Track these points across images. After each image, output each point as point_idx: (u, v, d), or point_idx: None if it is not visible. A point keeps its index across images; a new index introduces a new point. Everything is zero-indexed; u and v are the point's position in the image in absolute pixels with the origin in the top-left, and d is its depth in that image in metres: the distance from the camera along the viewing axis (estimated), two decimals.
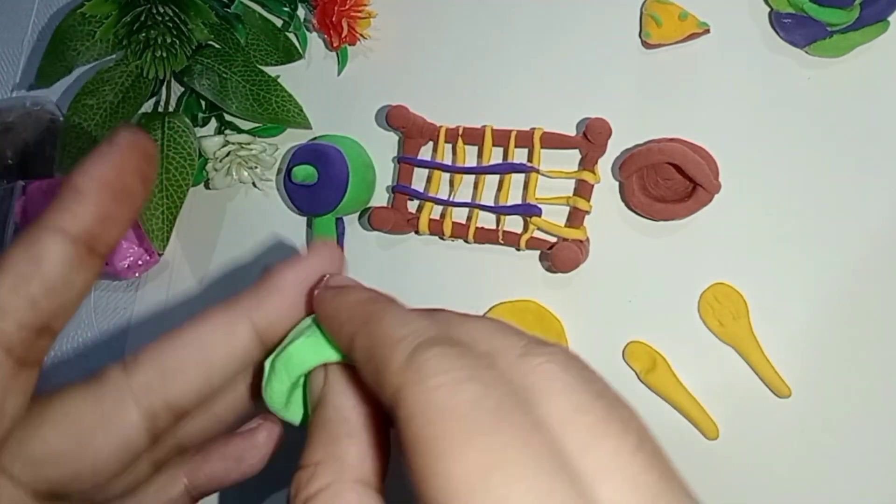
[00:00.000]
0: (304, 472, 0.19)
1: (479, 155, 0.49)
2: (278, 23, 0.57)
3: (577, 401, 0.17)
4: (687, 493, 0.17)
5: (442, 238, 0.50)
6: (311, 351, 0.21)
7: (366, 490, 0.19)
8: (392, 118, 0.50)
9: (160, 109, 0.56)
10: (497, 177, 0.49)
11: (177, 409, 0.22)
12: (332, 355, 0.21)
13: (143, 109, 0.55)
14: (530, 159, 0.48)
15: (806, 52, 0.45)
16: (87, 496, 0.22)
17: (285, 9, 0.56)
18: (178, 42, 0.53)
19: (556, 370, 0.17)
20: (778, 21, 0.45)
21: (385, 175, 0.54)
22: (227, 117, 0.57)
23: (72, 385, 0.22)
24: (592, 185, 0.47)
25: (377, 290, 0.21)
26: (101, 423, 0.21)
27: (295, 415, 0.23)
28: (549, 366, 0.17)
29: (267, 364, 0.22)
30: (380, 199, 0.53)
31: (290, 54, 0.56)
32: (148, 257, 0.57)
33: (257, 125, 0.56)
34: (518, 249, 0.48)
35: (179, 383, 0.22)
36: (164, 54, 0.53)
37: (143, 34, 0.52)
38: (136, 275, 0.57)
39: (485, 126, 0.49)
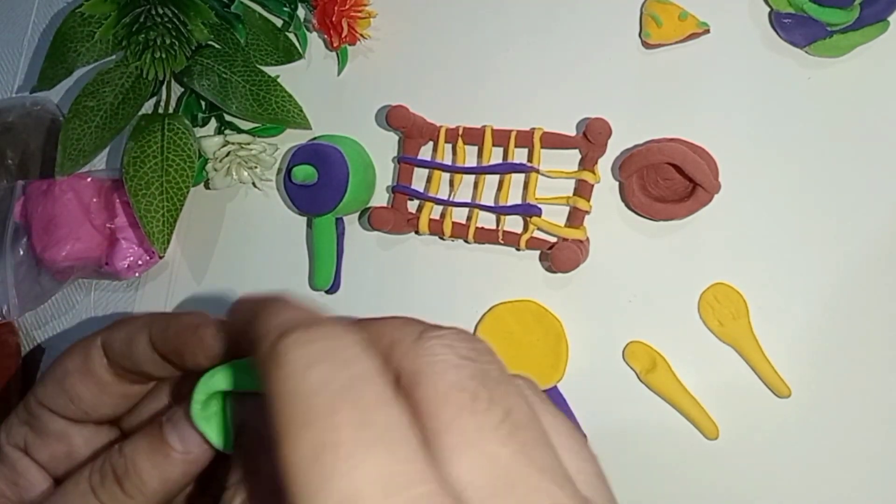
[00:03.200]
0: (228, 493, 0.20)
1: (479, 155, 0.49)
2: (278, 23, 0.57)
3: (454, 379, 0.17)
4: (544, 466, 0.16)
5: (442, 238, 0.50)
6: (230, 376, 0.22)
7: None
8: (392, 118, 0.50)
9: (160, 110, 0.56)
10: (497, 177, 0.49)
11: (120, 360, 0.26)
12: (247, 384, 0.22)
13: (143, 110, 0.55)
14: (530, 159, 0.48)
15: (806, 52, 0.45)
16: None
17: (285, 9, 0.56)
18: (177, 43, 0.53)
19: (443, 351, 0.17)
20: (778, 21, 0.45)
21: (385, 175, 0.54)
22: (227, 117, 0.57)
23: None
24: (592, 185, 0.47)
25: (282, 296, 0.21)
26: (81, 364, 0.26)
27: (211, 434, 0.24)
28: (437, 347, 0.18)
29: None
30: (380, 199, 0.53)
31: (290, 54, 0.56)
32: (148, 257, 0.57)
33: (257, 125, 0.56)
34: (518, 249, 0.48)
35: (119, 354, 0.26)
36: (164, 55, 0.53)
37: (143, 35, 0.52)
38: (136, 275, 0.57)
39: (485, 126, 0.49)
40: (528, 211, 0.47)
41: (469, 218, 0.49)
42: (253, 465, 0.21)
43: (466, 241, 0.49)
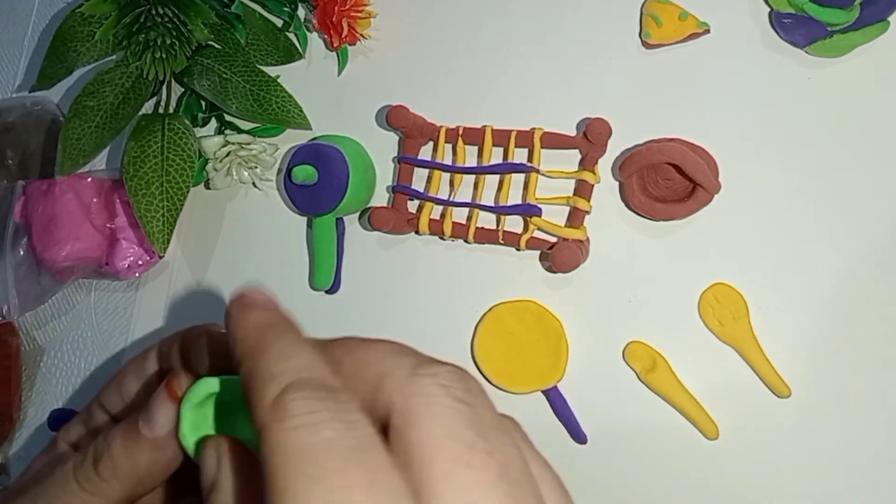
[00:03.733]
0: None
1: (479, 155, 0.49)
2: (278, 23, 0.57)
3: (450, 426, 0.17)
4: None
5: (442, 238, 0.50)
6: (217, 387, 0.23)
7: None
8: (392, 118, 0.50)
9: (160, 110, 0.56)
10: (497, 177, 0.49)
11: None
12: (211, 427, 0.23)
13: (143, 110, 0.55)
14: (530, 159, 0.48)
15: (806, 52, 0.45)
16: None
17: (285, 9, 0.56)
18: (177, 43, 0.53)
19: (439, 393, 0.18)
20: (778, 21, 0.45)
21: (385, 175, 0.54)
22: (227, 117, 0.57)
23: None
24: (592, 185, 0.47)
25: (281, 313, 0.21)
26: None
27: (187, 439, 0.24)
28: (432, 388, 0.18)
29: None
30: (380, 199, 0.53)
31: (290, 54, 0.56)
32: (148, 257, 0.57)
33: (257, 125, 0.56)
34: (518, 249, 0.48)
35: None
36: (164, 55, 0.53)
37: (143, 35, 0.52)
38: (136, 275, 0.57)
39: (485, 126, 0.49)
40: (528, 211, 0.47)
41: (469, 218, 0.49)
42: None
43: (466, 241, 0.49)
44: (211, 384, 0.23)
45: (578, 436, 0.47)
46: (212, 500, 0.21)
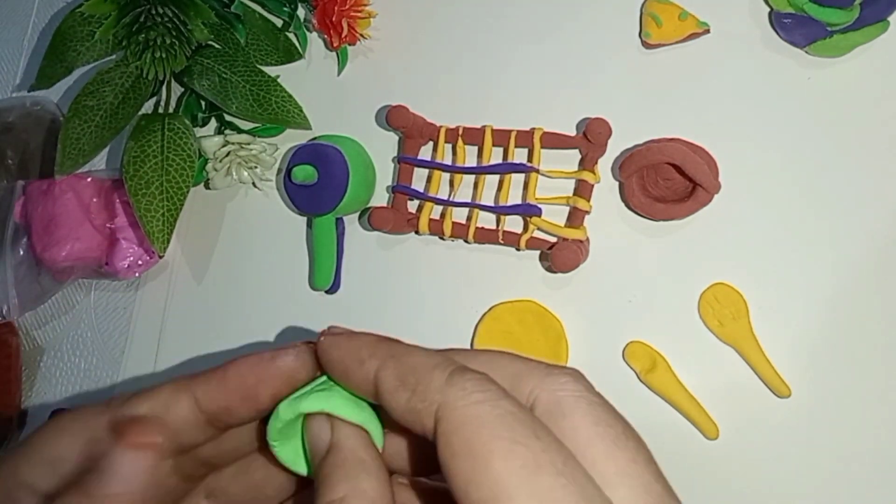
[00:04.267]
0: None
1: (479, 155, 0.49)
2: (278, 23, 0.57)
3: (599, 417, 0.20)
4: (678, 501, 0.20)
5: (442, 238, 0.50)
6: (315, 401, 0.23)
7: None
8: (392, 118, 0.50)
9: (160, 110, 0.56)
10: (497, 177, 0.49)
11: None
12: (333, 406, 0.23)
13: (143, 110, 0.55)
14: (530, 159, 0.48)
15: (806, 52, 0.46)
16: None
17: (285, 9, 0.56)
18: (177, 42, 0.53)
19: (580, 389, 0.21)
20: (778, 21, 0.45)
21: (385, 175, 0.54)
22: (227, 117, 0.57)
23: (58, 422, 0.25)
24: (592, 185, 0.47)
25: (381, 335, 0.23)
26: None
27: (288, 455, 0.24)
28: (572, 385, 0.21)
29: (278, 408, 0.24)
30: (380, 199, 0.53)
31: (290, 54, 0.57)
32: (148, 257, 0.57)
33: (257, 125, 0.56)
34: (518, 249, 0.48)
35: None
36: (164, 55, 0.53)
37: (143, 35, 0.52)
38: (136, 275, 0.57)
39: (485, 126, 0.49)
40: (528, 211, 0.47)
41: (469, 218, 0.49)
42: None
43: (466, 241, 0.49)
44: (299, 400, 0.23)
45: None
46: (329, 460, 0.22)
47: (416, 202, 0.51)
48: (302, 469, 0.24)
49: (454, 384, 0.20)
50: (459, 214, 0.50)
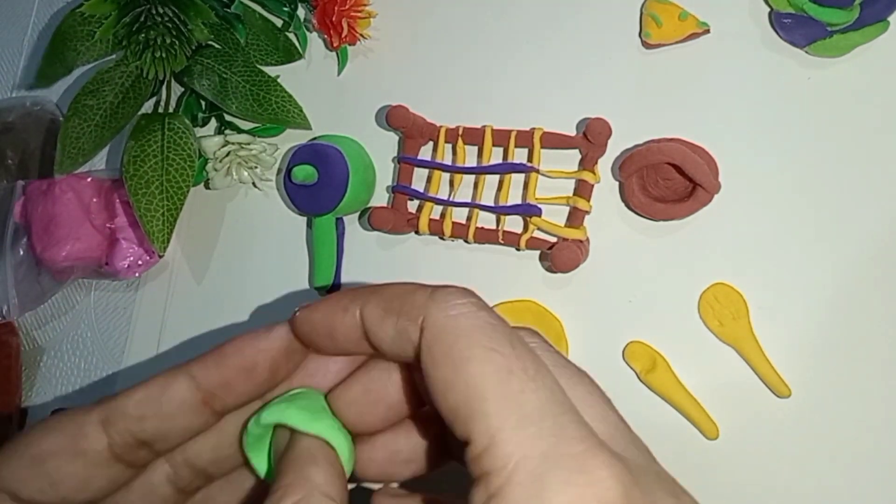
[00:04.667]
0: (275, 494, 0.21)
1: (479, 155, 0.49)
2: (278, 23, 0.57)
3: (553, 362, 0.22)
4: (635, 437, 0.23)
5: (442, 238, 0.50)
6: (282, 412, 0.24)
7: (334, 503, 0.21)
8: (392, 118, 0.50)
9: (160, 110, 0.56)
10: (497, 177, 0.49)
11: (142, 441, 0.24)
12: (297, 420, 0.23)
13: (143, 110, 0.55)
14: (530, 159, 0.48)
15: (806, 52, 0.46)
16: None
17: (285, 9, 0.56)
18: (177, 42, 0.53)
19: (537, 343, 0.23)
20: (778, 21, 0.45)
21: (385, 175, 0.54)
22: (227, 117, 0.57)
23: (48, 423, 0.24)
24: (592, 185, 0.47)
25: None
26: (68, 444, 0.23)
27: (260, 464, 0.25)
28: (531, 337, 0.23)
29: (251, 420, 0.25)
30: (380, 199, 0.53)
31: (290, 54, 0.57)
32: (148, 257, 0.57)
33: (257, 125, 0.56)
34: (518, 249, 0.48)
35: (136, 418, 0.24)
36: (164, 55, 0.53)
37: (143, 35, 0.52)
38: (136, 275, 0.57)
39: (485, 126, 0.49)
40: (528, 211, 0.47)
41: (469, 218, 0.49)
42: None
43: (466, 241, 0.49)
44: (270, 409, 0.24)
45: None
46: (282, 458, 0.22)
47: (416, 202, 0.51)
48: (261, 468, 0.25)
49: (435, 298, 0.21)
50: (459, 214, 0.50)
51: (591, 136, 0.46)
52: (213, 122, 0.57)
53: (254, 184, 0.56)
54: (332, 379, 0.25)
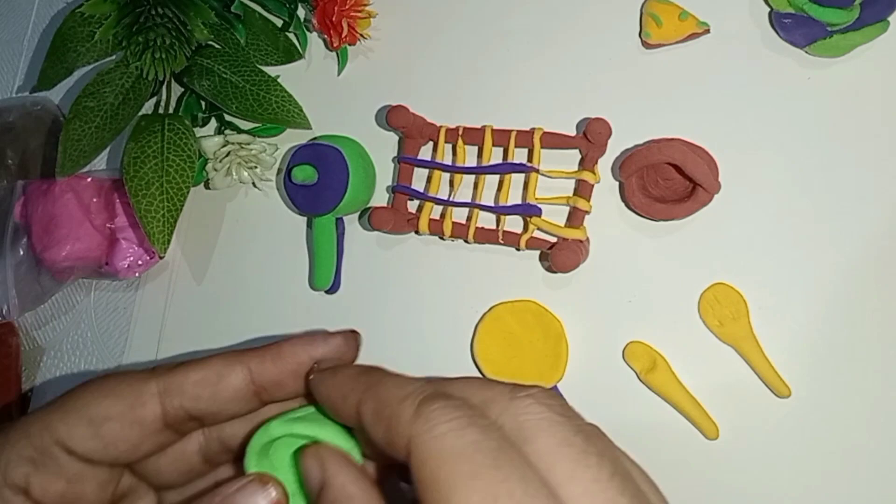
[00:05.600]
0: None
1: (479, 155, 0.49)
2: (278, 23, 0.57)
3: (561, 436, 0.20)
4: None
5: (442, 238, 0.50)
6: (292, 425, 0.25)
7: None
8: (392, 118, 0.50)
9: (160, 110, 0.56)
10: (497, 177, 0.49)
11: (193, 416, 0.25)
12: (318, 433, 0.24)
13: (143, 110, 0.55)
14: (530, 159, 0.48)
15: (806, 52, 0.46)
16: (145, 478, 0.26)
17: (285, 9, 0.56)
18: (177, 43, 0.53)
19: (541, 410, 0.21)
20: (778, 21, 0.45)
21: (385, 175, 0.54)
22: (227, 117, 0.57)
23: (101, 382, 0.26)
24: (592, 185, 0.47)
25: (366, 365, 0.24)
26: (127, 410, 0.25)
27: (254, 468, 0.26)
28: (535, 406, 0.21)
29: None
30: (380, 199, 0.53)
31: (290, 54, 0.57)
32: (148, 257, 0.57)
33: (257, 125, 0.56)
34: (518, 249, 0.48)
35: (192, 397, 0.25)
36: (164, 55, 0.53)
37: (143, 35, 0.52)
38: (136, 275, 0.57)
39: (485, 126, 0.49)
40: (528, 211, 0.47)
41: (469, 218, 0.49)
42: None
43: (466, 241, 0.49)
44: (272, 425, 0.24)
45: None
46: (324, 497, 0.23)
47: (416, 202, 0.51)
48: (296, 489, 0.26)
49: (421, 415, 0.20)
50: (459, 214, 0.50)
51: (591, 136, 0.46)
52: (213, 122, 0.57)
53: (254, 184, 0.56)
54: None
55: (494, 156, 0.49)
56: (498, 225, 0.48)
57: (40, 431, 0.25)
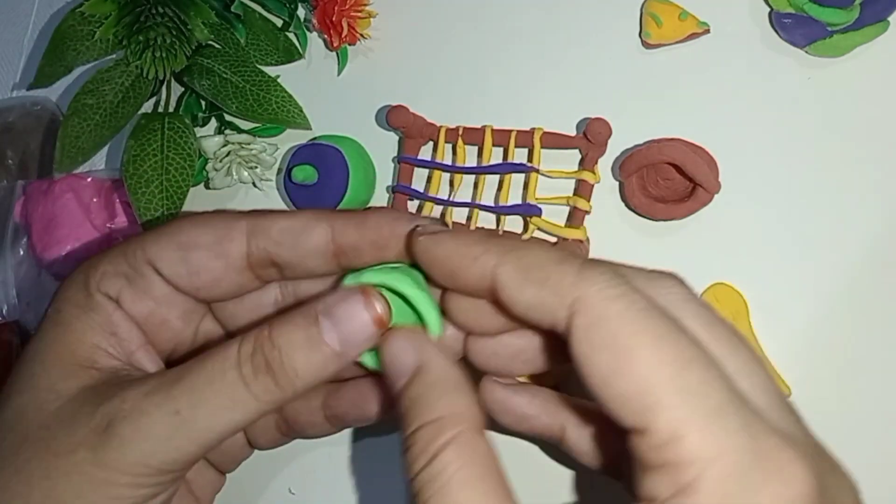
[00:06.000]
0: (430, 428, 0.21)
1: (479, 155, 0.49)
2: (278, 23, 0.57)
3: (708, 320, 0.21)
4: (789, 406, 0.23)
5: None
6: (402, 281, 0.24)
7: (486, 437, 0.21)
8: (392, 118, 0.50)
9: (160, 109, 0.56)
10: (497, 177, 0.49)
11: (274, 261, 0.26)
12: (400, 284, 0.24)
13: (143, 109, 0.55)
14: (530, 159, 0.48)
15: (806, 52, 0.46)
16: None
17: (285, 9, 0.56)
18: (177, 42, 0.53)
19: (685, 293, 0.21)
20: (778, 21, 0.45)
21: (385, 175, 0.54)
22: (227, 117, 0.57)
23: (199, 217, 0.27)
24: (592, 185, 0.47)
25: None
26: (215, 242, 0.26)
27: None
28: (678, 289, 0.21)
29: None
30: (380, 199, 0.53)
31: (290, 54, 0.57)
32: None
33: (257, 125, 0.56)
34: None
35: (276, 241, 0.26)
36: (164, 54, 0.53)
37: (143, 34, 0.52)
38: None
39: (485, 126, 0.49)
40: (528, 211, 0.47)
41: (469, 218, 0.49)
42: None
43: None
44: (382, 272, 0.24)
45: None
46: (418, 382, 0.22)
47: (416, 202, 0.51)
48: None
49: (587, 278, 0.20)
50: (459, 214, 0.50)
51: (591, 136, 0.46)
52: (213, 122, 0.57)
53: (254, 184, 0.56)
54: None
55: (494, 156, 0.49)
56: (498, 225, 0.48)
57: (135, 250, 0.25)
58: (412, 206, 0.51)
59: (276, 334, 0.23)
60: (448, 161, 0.51)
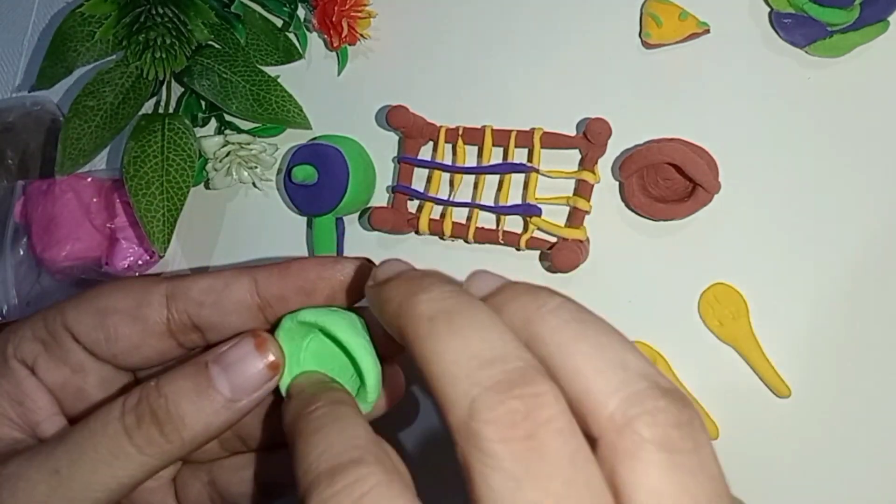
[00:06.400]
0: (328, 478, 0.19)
1: (479, 155, 0.49)
2: (278, 23, 0.57)
3: (661, 482, 0.17)
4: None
5: (442, 238, 0.50)
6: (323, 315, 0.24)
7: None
8: (392, 118, 0.50)
9: (160, 110, 0.56)
10: (497, 177, 0.49)
11: (196, 325, 0.25)
12: (338, 329, 0.23)
13: (143, 110, 0.55)
14: (530, 159, 0.48)
15: (806, 52, 0.45)
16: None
17: (285, 9, 0.56)
18: (177, 43, 0.53)
19: (650, 438, 0.18)
20: (778, 21, 0.45)
21: (385, 175, 0.54)
22: (227, 117, 0.57)
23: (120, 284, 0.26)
24: (592, 185, 0.47)
25: (418, 273, 0.23)
26: (133, 306, 0.25)
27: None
28: (645, 430, 0.17)
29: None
30: (380, 199, 0.53)
31: (290, 54, 0.56)
32: (148, 257, 0.57)
33: (257, 125, 0.56)
34: (518, 249, 0.48)
35: (197, 303, 0.25)
36: (164, 55, 0.53)
37: (143, 35, 0.52)
38: (136, 274, 0.57)
39: (485, 126, 0.49)
40: (528, 211, 0.47)
41: (469, 218, 0.49)
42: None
43: (466, 241, 0.49)
44: (306, 311, 0.24)
45: None
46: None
47: (416, 202, 0.51)
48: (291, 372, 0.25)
49: (470, 435, 0.19)
50: (459, 214, 0.50)
51: (591, 136, 0.46)
52: (213, 122, 0.57)
53: (254, 184, 0.56)
54: None
55: (494, 156, 0.49)
56: (498, 225, 0.48)
57: (55, 316, 0.25)
58: (412, 206, 0.51)
59: (164, 383, 0.22)
60: (448, 161, 0.51)
